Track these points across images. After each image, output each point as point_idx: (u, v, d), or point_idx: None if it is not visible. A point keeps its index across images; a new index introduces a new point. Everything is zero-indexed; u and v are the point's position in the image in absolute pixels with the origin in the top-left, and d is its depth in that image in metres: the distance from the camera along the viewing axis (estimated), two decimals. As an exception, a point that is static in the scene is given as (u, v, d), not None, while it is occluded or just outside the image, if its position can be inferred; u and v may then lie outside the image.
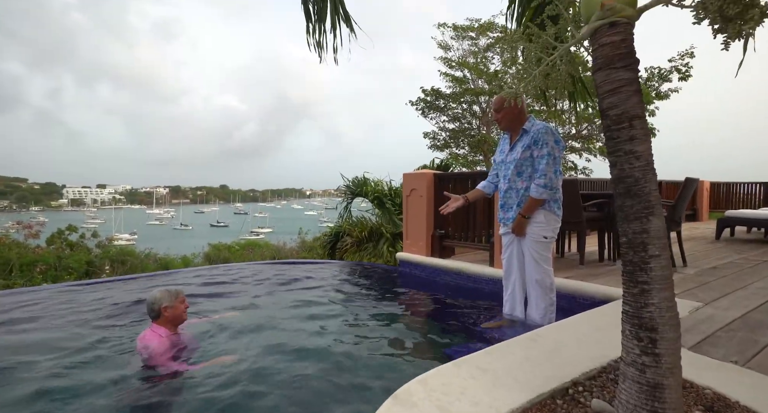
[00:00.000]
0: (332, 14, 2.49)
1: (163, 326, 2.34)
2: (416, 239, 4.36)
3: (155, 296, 2.33)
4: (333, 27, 2.25)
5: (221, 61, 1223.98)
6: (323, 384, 2.01)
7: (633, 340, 1.15)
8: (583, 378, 1.57)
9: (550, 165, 2.51)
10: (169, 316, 2.34)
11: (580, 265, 3.71)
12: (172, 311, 2.34)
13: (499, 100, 2.72)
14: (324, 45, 2.30)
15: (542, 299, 2.56)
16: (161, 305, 2.31)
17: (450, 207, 2.84)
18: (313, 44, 2.24)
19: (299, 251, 15.76)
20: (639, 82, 1.17)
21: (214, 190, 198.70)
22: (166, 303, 2.32)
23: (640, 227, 1.13)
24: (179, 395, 1.94)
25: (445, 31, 15.28)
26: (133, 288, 4.00)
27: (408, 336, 2.75)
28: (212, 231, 63.60)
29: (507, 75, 13.40)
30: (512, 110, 2.63)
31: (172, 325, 2.38)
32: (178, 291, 2.41)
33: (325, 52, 2.40)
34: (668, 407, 1.10)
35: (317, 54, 2.25)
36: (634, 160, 1.14)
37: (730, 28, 1.03)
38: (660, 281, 1.12)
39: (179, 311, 2.37)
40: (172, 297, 2.35)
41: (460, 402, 1.34)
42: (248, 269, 4.86)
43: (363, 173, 6.55)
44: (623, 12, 1.17)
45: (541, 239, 2.53)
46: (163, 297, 2.33)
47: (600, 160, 13.71)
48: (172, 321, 2.37)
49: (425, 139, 16.13)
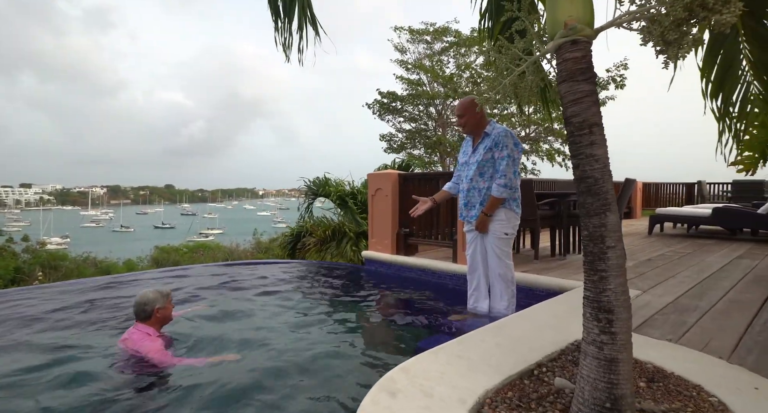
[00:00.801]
0: (300, 15, 2.51)
1: (152, 326, 2.29)
2: (381, 237, 4.45)
3: (149, 297, 2.27)
4: (300, 28, 2.27)
5: (164, 54, 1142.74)
6: (301, 380, 2.03)
7: (593, 321, 1.30)
8: (546, 360, 1.74)
9: (509, 166, 2.69)
10: (160, 317, 2.30)
11: (535, 260, 3.99)
12: (164, 312, 2.31)
13: (460, 107, 2.85)
14: (289, 44, 2.31)
15: (505, 291, 2.74)
16: (155, 306, 2.26)
17: (420, 210, 2.96)
18: (281, 43, 2.25)
19: (254, 252, 15.29)
20: (597, 94, 1.33)
21: (158, 190, 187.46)
22: (159, 305, 2.28)
23: (599, 222, 1.29)
24: (178, 390, 1.91)
25: (401, 34, 15.56)
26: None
27: (379, 331, 2.83)
28: (157, 234, 59.93)
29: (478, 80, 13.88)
30: (474, 115, 2.78)
31: (160, 325, 2.34)
32: (167, 292, 2.38)
33: (290, 51, 2.41)
34: (622, 378, 1.26)
35: (284, 53, 2.25)
36: (593, 162, 1.29)
37: (669, 50, 1.20)
38: (616, 269, 1.28)
39: (169, 311, 2.35)
40: (164, 298, 2.32)
41: (440, 386, 1.44)
42: (208, 270, 4.72)
43: (324, 174, 6.55)
44: (583, 32, 1.32)
45: (503, 235, 2.71)
46: (157, 298, 2.28)
47: (546, 163, 14.56)
48: (161, 322, 2.33)
49: (381, 141, 16.31)
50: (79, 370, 2.08)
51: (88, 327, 2.80)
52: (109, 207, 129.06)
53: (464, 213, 2.93)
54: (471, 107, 2.77)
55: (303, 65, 2.25)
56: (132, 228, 70.08)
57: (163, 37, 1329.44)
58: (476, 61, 14.79)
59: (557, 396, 1.46)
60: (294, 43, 2.20)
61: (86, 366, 2.15)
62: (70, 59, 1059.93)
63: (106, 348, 2.36)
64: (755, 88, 1.57)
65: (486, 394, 1.44)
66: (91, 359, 2.23)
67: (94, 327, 2.79)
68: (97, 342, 2.47)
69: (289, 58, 2.23)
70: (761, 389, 1.48)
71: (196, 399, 1.83)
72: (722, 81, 1.63)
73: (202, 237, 46.95)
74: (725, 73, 1.60)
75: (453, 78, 14.46)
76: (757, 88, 1.57)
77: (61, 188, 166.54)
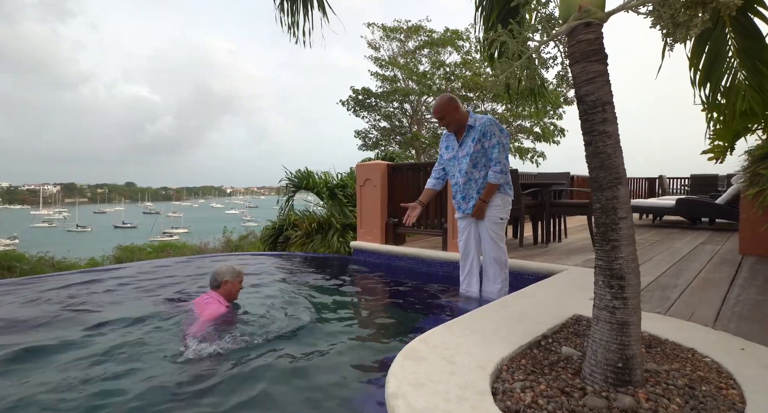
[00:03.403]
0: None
1: (221, 295, 2.62)
2: (370, 228, 4.47)
3: (221, 269, 2.65)
4: (305, 8, 2.25)
5: (128, 45, 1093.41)
6: (307, 363, 2.04)
7: (605, 288, 1.39)
8: (550, 333, 1.82)
9: (501, 152, 2.77)
10: (227, 289, 2.63)
11: (520, 247, 4.13)
12: (230, 286, 2.64)
13: (438, 109, 2.81)
14: (296, 25, 2.29)
15: (499, 275, 2.83)
16: (223, 278, 2.62)
17: (413, 217, 2.94)
18: (287, 23, 2.22)
19: (224, 251, 14.90)
20: (608, 74, 1.41)
21: (118, 188, 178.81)
22: (228, 278, 2.63)
23: (612, 194, 1.37)
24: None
25: (374, 30, 15.57)
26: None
27: (374, 317, 2.85)
28: (117, 233, 57.05)
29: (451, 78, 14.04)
30: (455, 113, 2.79)
31: (226, 298, 2.64)
32: (240, 271, 2.71)
33: (293, 34, 2.38)
34: (632, 340, 1.35)
35: (291, 33, 2.23)
36: (606, 138, 1.37)
37: (678, 32, 1.30)
38: (626, 238, 1.36)
39: (235, 289, 2.67)
40: (234, 274, 2.66)
41: (459, 355, 1.49)
42: (192, 263, 4.60)
43: (305, 167, 6.49)
44: (596, 14, 1.39)
45: (498, 220, 2.80)
46: (227, 271, 2.64)
47: (517, 159, 14.99)
48: (227, 296, 2.64)
49: (357, 137, 16.28)
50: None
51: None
52: (64, 206, 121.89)
53: (462, 205, 2.95)
54: (449, 106, 2.77)
55: (312, 47, 2.24)
56: (90, 227, 66.51)
57: (126, 27, 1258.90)
58: (448, 59, 15.02)
59: (567, 362, 1.54)
60: (299, 24, 2.18)
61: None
62: (24, 49, 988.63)
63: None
64: (741, 75, 1.71)
65: (502, 362, 1.50)
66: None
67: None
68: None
69: (297, 39, 2.21)
70: (747, 349, 1.63)
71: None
72: (710, 70, 1.76)
73: (167, 236, 45.23)
74: (713, 62, 1.73)
75: (427, 75, 14.62)
76: (743, 74, 1.71)
77: (8, 186, 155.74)
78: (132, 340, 2.28)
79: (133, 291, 3.46)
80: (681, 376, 1.40)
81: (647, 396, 1.26)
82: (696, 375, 1.41)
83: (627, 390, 1.30)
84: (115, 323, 2.55)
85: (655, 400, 1.25)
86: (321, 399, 1.77)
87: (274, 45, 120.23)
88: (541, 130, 14.32)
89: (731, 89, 1.76)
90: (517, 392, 1.31)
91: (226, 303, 2.61)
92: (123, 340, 2.28)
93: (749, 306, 2.21)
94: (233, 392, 1.80)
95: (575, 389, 1.33)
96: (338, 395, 1.81)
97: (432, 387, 1.25)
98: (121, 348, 2.19)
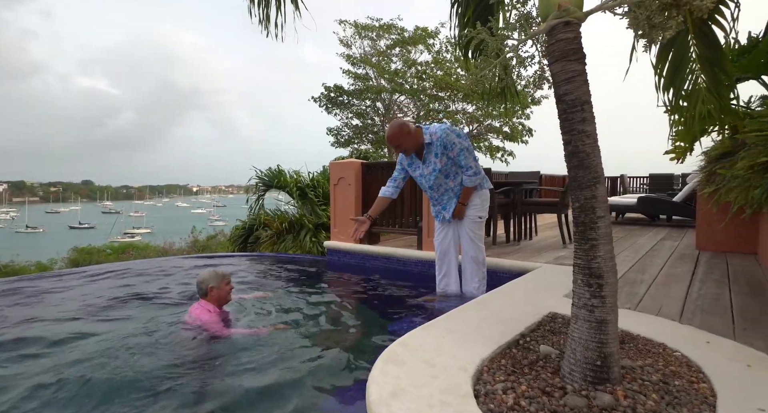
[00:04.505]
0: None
1: (211, 303, 2.53)
2: (345, 227, 4.39)
3: (204, 276, 2.53)
4: (278, 1, 2.17)
5: (84, 36, 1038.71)
6: (281, 369, 1.96)
7: (584, 287, 1.39)
8: (528, 331, 1.83)
9: (468, 157, 2.73)
10: (215, 296, 2.53)
11: (493, 245, 4.18)
12: (218, 292, 2.53)
13: (392, 138, 2.72)
14: (266, 18, 2.19)
15: (476, 274, 2.84)
16: (208, 285, 2.51)
17: (360, 232, 2.85)
18: (257, 15, 2.13)
19: (191, 252, 14.36)
20: (587, 74, 1.41)
21: (73, 187, 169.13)
22: (213, 284, 2.52)
23: (590, 193, 1.38)
24: (225, 354, 2.14)
25: (346, 27, 15.43)
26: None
27: (352, 318, 2.80)
28: (73, 234, 53.83)
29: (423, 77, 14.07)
30: (409, 137, 2.69)
31: (217, 304, 2.56)
32: (225, 274, 2.60)
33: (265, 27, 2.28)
34: (610, 337, 1.37)
35: (263, 26, 2.14)
36: (585, 137, 1.38)
37: (653, 33, 1.32)
38: (605, 237, 1.38)
39: (224, 292, 2.57)
40: (219, 278, 2.55)
41: (440, 357, 1.47)
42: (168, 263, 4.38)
43: (277, 165, 6.33)
44: (575, 13, 1.40)
45: (477, 219, 2.80)
46: (211, 277, 2.52)
47: (487, 158, 15.28)
48: (218, 301, 2.56)
49: (329, 135, 16.11)
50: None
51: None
52: (12, 205, 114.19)
53: (442, 214, 2.91)
54: (401, 133, 2.68)
55: (283, 41, 2.15)
56: (42, 228, 62.53)
57: (82, 16, 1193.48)
58: (420, 58, 15.10)
59: (546, 361, 1.55)
60: (271, 17, 2.08)
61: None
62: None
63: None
64: (701, 80, 1.78)
65: (482, 363, 1.49)
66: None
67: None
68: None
69: (268, 32, 2.11)
70: (712, 342, 1.69)
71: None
72: (674, 75, 1.82)
73: (128, 237, 43.19)
74: (677, 68, 1.80)
75: (399, 74, 14.64)
76: (703, 79, 1.78)
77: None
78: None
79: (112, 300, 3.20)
80: (655, 371, 1.44)
81: (625, 394, 1.28)
82: (668, 370, 1.45)
83: (606, 387, 1.31)
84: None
85: (633, 397, 1.26)
86: (295, 406, 1.70)
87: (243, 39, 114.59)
88: (510, 129, 14.66)
89: (692, 93, 1.84)
90: (499, 394, 1.29)
91: (217, 310, 2.55)
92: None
93: (710, 300, 2.32)
94: (199, 401, 1.70)
95: (556, 388, 1.33)
96: (313, 401, 1.75)
97: (415, 393, 1.21)
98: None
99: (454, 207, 2.83)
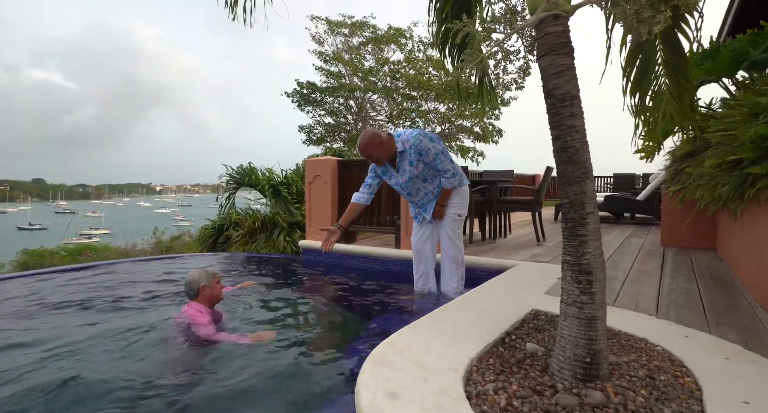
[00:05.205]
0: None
1: (202, 303, 2.43)
2: (320, 226, 4.28)
3: (193, 276, 2.44)
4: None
5: (35, 25, 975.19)
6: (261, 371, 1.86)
7: (573, 284, 1.38)
8: (512, 329, 1.82)
9: (444, 160, 2.67)
10: (207, 295, 2.44)
11: (469, 243, 4.19)
12: (210, 291, 2.45)
13: (363, 149, 2.63)
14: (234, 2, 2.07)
15: (455, 273, 2.81)
16: (199, 284, 2.42)
17: (330, 243, 2.76)
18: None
19: (154, 253, 13.72)
20: (575, 68, 1.40)
21: (22, 185, 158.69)
22: (204, 283, 2.43)
23: (580, 189, 1.36)
24: (218, 360, 2.02)
25: (319, 24, 15.22)
26: None
27: (329, 319, 2.72)
28: (23, 236, 50.33)
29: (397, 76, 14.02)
30: (380, 147, 2.62)
31: (209, 304, 2.47)
32: (214, 273, 2.52)
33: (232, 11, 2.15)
34: (599, 334, 1.36)
35: (230, 10, 2.01)
36: (574, 132, 1.36)
37: (641, 27, 1.31)
38: (594, 233, 1.37)
39: (216, 291, 2.49)
40: (209, 277, 2.47)
41: (429, 358, 1.42)
42: (121, 267, 4.11)
43: (248, 162, 6.12)
44: (564, 6, 1.38)
45: (457, 217, 2.78)
46: (202, 277, 2.44)
47: (459, 158, 15.45)
48: (210, 301, 2.46)
49: (301, 132, 15.85)
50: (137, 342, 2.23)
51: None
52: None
53: (422, 216, 2.87)
54: (373, 143, 2.60)
55: (252, 27, 2.03)
56: (-16, 230, 58.25)
57: (33, 5, 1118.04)
58: (392, 57, 15.10)
59: (533, 359, 1.53)
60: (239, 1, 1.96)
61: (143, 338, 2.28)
62: None
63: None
64: (665, 85, 1.83)
65: (471, 362, 1.45)
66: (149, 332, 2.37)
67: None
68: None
69: (235, 15, 1.99)
70: (690, 336, 1.73)
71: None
72: (641, 79, 1.87)
73: (85, 238, 40.87)
74: (644, 72, 1.83)
75: (372, 72, 14.58)
76: (667, 84, 1.83)
77: None
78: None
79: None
80: (640, 367, 1.44)
81: (615, 390, 1.27)
82: (653, 365, 1.46)
83: (595, 384, 1.30)
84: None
85: (623, 393, 1.26)
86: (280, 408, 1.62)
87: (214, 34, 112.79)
88: (481, 129, 14.89)
89: (657, 95, 1.89)
90: (491, 394, 1.26)
91: (209, 310, 2.46)
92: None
93: (682, 294, 2.39)
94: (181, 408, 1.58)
95: (546, 387, 1.31)
96: (300, 406, 1.66)
97: (407, 397, 1.15)
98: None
99: (433, 208, 2.80)
